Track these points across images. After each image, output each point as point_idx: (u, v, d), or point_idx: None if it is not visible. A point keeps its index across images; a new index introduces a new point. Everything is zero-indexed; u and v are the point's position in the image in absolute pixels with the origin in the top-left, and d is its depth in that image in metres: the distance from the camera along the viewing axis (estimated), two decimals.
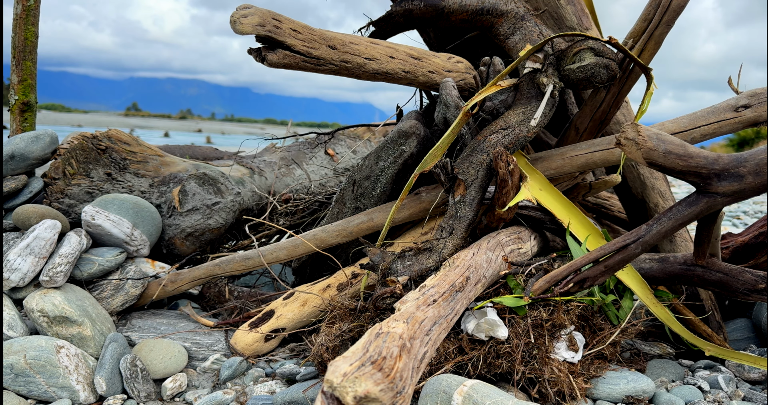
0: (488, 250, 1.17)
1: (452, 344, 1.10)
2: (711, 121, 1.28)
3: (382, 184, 1.43)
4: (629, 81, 1.30)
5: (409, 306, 0.88)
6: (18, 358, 1.12)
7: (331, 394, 0.60)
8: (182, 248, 1.66)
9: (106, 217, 1.45)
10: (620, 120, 1.52)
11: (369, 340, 0.69)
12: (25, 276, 1.28)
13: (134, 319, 1.42)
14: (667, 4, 1.23)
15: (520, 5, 1.46)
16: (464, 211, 1.21)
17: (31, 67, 2.10)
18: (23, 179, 1.54)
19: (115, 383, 1.16)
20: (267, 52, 1.20)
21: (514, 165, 1.17)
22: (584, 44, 1.20)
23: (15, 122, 2.10)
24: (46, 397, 1.11)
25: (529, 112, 1.22)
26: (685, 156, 1.02)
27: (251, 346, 1.30)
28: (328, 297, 1.33)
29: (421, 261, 1.16)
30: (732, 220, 3.87)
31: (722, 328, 1.38)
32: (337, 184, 2.20)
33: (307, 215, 1.88)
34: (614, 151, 1.27)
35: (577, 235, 1.24)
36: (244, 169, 2.00)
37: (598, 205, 1.72)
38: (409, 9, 1.40)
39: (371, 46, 1.33)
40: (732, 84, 1.35)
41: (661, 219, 1.04)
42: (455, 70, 1.46)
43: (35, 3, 2.08)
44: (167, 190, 1.70)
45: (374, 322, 1.14)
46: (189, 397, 1.17)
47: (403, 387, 0.65)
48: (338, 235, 1.42)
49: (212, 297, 1.58)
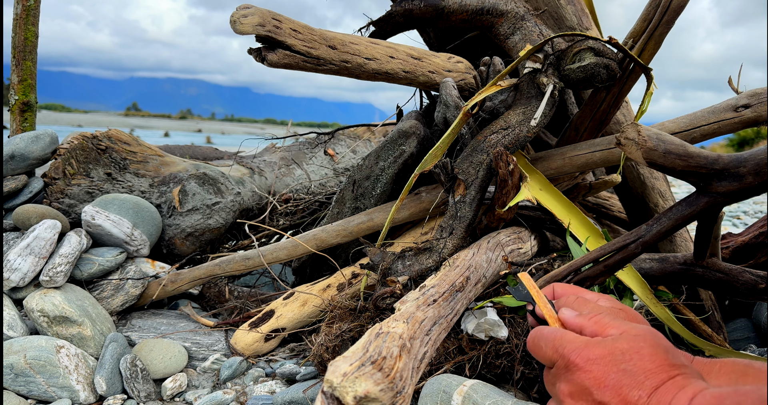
0: (488, 250, 1.17)
1: (452, 344, 1.09)
2: (711, 121, 1.28)
3: (382, 184, 1.43)
4: (629, 81, 1.30)
5: (409, 306, 0.88)
6: (18, 358, 1.12)
7: (331, 394, 0.60)
8: (182, 248, 1.66)
9: (106, 217, 1.45)
10: (620, 120, 1.52)
11: (369, 340, 0.69)
12: (25, 276, 1.28)
13: (134, 319, 1.42)
14: (667, 4, 1.23)
15: (520, 5, 1.46)
16: (464, 211, 1.20)
17: (31, 67, 2.10)
18: (23, 179, 1.54)
19: (115, 383, 1.16)
20: (267, 52, 1.20)
21: (514, 165, 1.17)
22: (584, 44, 1.20)
23: (15, 122, 2.10)
24: (46, 397, 1.11)
25: (529, 112, 1.22)
26: (685, 156, 1.02)
27: (251, 346, 1.30)
28: (328, 297, 1.33)
29: (421, 261, 1.16)
30: (732, 220, 3.87)
31: (722, 328, 1.38)
32: (337, 184, 2.20)
33: (307, 215, 1.88)
34: (614, 151, 1.27)
35: (577, 235, 1.24)
36: (244, 169, 2.00)
37: (598, 205, 1.72)
38: (409, 9, 1.40)
39: (371, 46, 1.33)
40: (732, 84, 1.35)
41: (661, 219, 1.04)
42: (455, 70, 1.46)
43: (35, 3, 2.08)
44: (167, 190, 1.70)
45: (374, 322, 1.13)
46: (189, 397, 1.17)
47: (403, 387, 0.65)
48: (338, 235, 1.42)
49: (212, 297, 1.58)
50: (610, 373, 0.49)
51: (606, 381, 0.48)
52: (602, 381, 0.49)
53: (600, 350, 0.50)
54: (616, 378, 0.48)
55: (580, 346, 0.52)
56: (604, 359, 0.50)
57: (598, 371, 0.49)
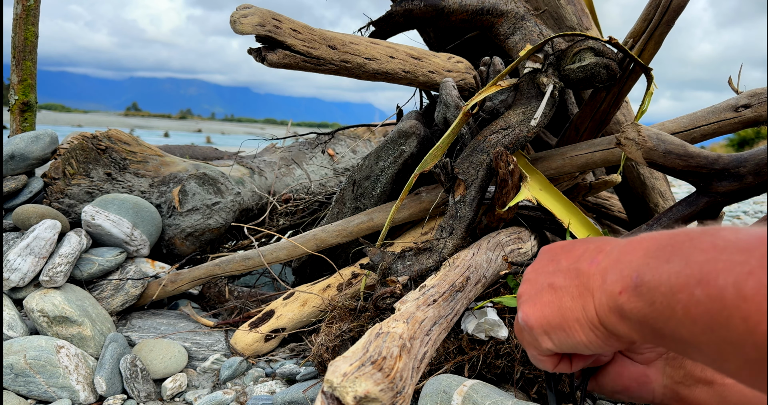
0: (488, 250, 1.17)
1: (452, 344, 1.09)
2: (711, 121, 1.28)
3: (382, 184, 1.43)
4: (629, 81, 1.30)
5: (409, 306, 0.88)
6: (18, 358, 1.12)
7: (331, 394, 0.60)
8: (182, 248, 1.66)
9: (106, 217, 1.45)
10: (620, 120, 1.52)
11: (369, 340, 0.69)
12: (25, 276, 1.28)
13: (134, 319, 1.42)
14: (667, 4, 1.23)
15: (520, 5, 1.46)
16: (464, 211, 1.20)
17: (31, 67, 2.10)
18: (23, 179, 1.54)
19: (115, 383, 1.16)
20: (267, 52, 1.20)
21: (515, 165, 1.17)
22: (584, 44, 1.20)
23: (15, 122, 2.10)
24: (46, 397, 1.11)
25: (529, 112, 1.22)
26: (685, 156, 1.02)
27: (251, 346, 1.30)
28: (328, 297, 1.33)
29: (421, 261, 1.16)
30: (732, 220, 3.87)
31: None
32: (337, 184, 2.20)
33: (307, 215, 1.88)
34: (614, 151, 1.27)
35: (577, 235, 1.23)
36: (244, 169, 2.00)
37: (598, 205, 1.72)
38: (409, 9, 1.40)
39: (371, 46, 1.33)
40: (732, 84, 1.35)
41: (661, 219, 1.04)
42: (455, 70, 1.46)
43: (35, 3, 2.08)
44: (167, 190, 1.70)
45: (374, 322, 1.13)
46: (189, 397, 1.17)
47: (403, 387, 0.65)
48: (338, 235, 1.42)
49: (212, 297, 1.58)
50: (539, 273, 0.55)
51: (536, 274, 0.55)
52: (533, 276, 0.55)
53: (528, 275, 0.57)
54: (541, 268, 0.55)
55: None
56: (533, 272, 0.56)
57: (530, 277, 0.56)
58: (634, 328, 0.41)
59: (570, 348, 0.49)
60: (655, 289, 0.37)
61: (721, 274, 0.32)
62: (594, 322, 0.45)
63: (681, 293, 0.34)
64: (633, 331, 0.41)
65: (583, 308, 0.46)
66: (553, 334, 0.49)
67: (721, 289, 0.31)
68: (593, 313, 0.45)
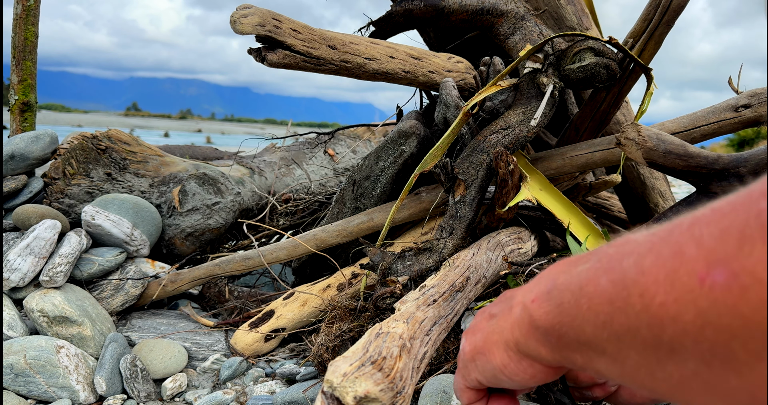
0: (488, 250, 1.17)
1: (452, 344, 1.09)
2: (711, 121, 1.28)
3: (382, 184, 1.43)
4: (629, 81, 1.30)
5: (409, 306, 0.88)
6: (18, 358, 1.12)
7: (331, 394, 0.60)
8: (182, 248, 1.66)
9: (106, 217, 1.45)
10: (620, 120, 1.52)
11: (369, 340, 0.69)
12: (25, 276, 1.28)
13: (134, 319, 1.42)
14: (667, 4, 1.23)
15: (520, 5, 1.46)
16: (464, 211, 1.20)
17: (31, 67, 2.10)
18: (23, 179, 1.54)
19: (115, 383, 1.16)
20: (267, 52, 1.20)
21: (515, 165, 1.17)
22: (584, 44, 1.20)
23: (15, 122, 2.10)
24: (46, 397, 1.11)
25: (529, 112, 1.22)
26: (685, 156, 1.02)
27: (251, 346, 1.30)
28: (328, 297, 1.33)
29: (421, 261, 1.16)
30: None
31: None
32: (337, 184, 2.20)
33: (307, 215, 1.88)
34: (614, 151, 1.27)
35: (577, 235, 1.23)
36: (244, 169, 2.00)
37: (598, 205, 1.72)
38: (409, 9, 1.40)
39: (371, 46, 1.33)
40: (732, 84, 1.35)
41: (661, 219, 1.04)
42: (455, 70, 1.46)
43: (35, 3, 2.08)
44: (167, 190, 1.70)
45: (374, 322, 1.13)
46: (189, 397, 1.17)
47: (403, 387, 0.65)
48: (338, 235, 1.42)
49: (212, 297, 1.58)
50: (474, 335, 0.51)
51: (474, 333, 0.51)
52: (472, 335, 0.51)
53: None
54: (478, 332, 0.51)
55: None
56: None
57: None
58: (541, 339, 0.38)
59: (491, 376, 0.46)
60: (566, 289, 0.35)
61: (626, 258, 0.30)
62: (509, 341, 0.43)
63: (588, 286, 0.33)
64: (540, 345, 0.39)
65: (502, 329, 0.44)
66: (478, 360, 0.47)
67: (624, 271, 0.30)
68: (509, 331, 0.43)
